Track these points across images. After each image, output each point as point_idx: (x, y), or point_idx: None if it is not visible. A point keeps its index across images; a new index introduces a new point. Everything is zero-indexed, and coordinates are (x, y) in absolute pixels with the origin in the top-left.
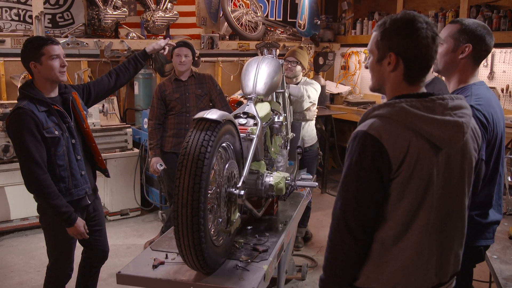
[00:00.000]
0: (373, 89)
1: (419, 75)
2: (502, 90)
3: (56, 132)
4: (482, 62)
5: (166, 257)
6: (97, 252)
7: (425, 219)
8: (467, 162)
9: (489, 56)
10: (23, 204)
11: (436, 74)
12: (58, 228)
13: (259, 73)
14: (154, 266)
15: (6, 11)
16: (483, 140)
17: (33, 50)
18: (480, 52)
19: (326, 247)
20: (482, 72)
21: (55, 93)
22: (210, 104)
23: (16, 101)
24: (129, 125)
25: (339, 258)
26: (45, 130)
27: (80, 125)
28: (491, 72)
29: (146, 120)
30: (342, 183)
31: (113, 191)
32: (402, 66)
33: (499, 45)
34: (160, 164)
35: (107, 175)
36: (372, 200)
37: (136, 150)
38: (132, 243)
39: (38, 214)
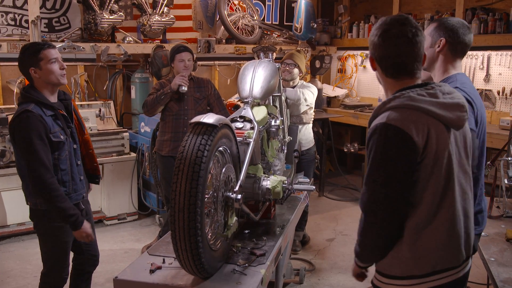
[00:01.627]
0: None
1: (399, 71)
2: (498, 93)
3: (62, 137)
4: (479, 65)
5: (164, 262)
6: (88, 257)
7: (451, 196)
8: (467, 139)
9: (485, 58)
10: (19, 209)
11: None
12: (54, 235)
13: (255, 77)
14: (151, 271)
15: (2, 15)
16: (471, 115)
17: (31, 56)
18: (455, 45)
19: (357, 240)
20: (478, 74)
21: (54, 99)
22: (208, 108)
23: (13, 106)
24: (126, 129)
25: (370, 248)
26: (52, 134)
27: (79, 131)
28: (487, 75)
29: (142, 124)
30: (369, 176)
31: (110, 196)
32: (378, 65)
33: (494, 48)
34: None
35: (97, 182)
36: (402, 187)
37: (133, 154)
38: (129, 248)
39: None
